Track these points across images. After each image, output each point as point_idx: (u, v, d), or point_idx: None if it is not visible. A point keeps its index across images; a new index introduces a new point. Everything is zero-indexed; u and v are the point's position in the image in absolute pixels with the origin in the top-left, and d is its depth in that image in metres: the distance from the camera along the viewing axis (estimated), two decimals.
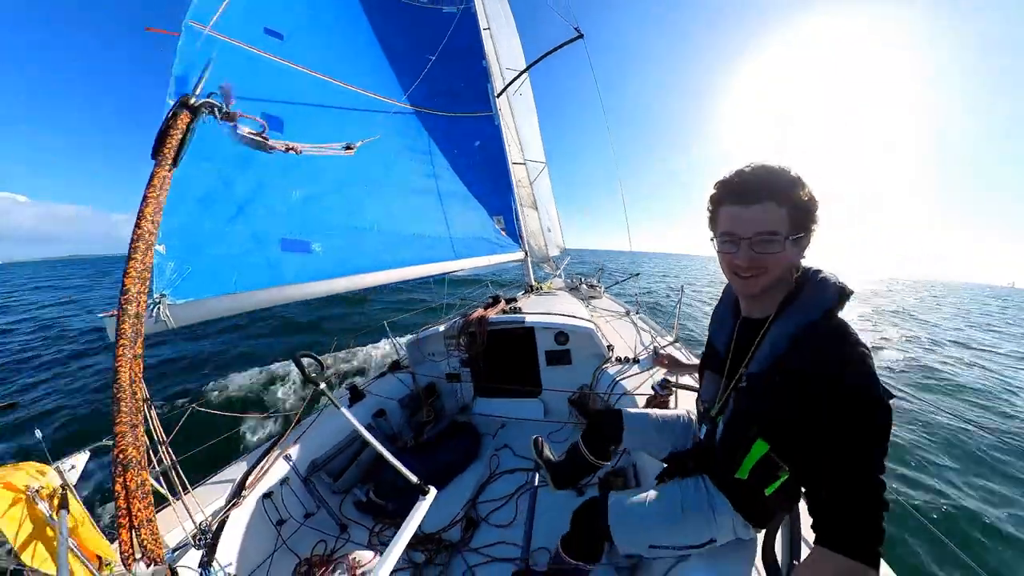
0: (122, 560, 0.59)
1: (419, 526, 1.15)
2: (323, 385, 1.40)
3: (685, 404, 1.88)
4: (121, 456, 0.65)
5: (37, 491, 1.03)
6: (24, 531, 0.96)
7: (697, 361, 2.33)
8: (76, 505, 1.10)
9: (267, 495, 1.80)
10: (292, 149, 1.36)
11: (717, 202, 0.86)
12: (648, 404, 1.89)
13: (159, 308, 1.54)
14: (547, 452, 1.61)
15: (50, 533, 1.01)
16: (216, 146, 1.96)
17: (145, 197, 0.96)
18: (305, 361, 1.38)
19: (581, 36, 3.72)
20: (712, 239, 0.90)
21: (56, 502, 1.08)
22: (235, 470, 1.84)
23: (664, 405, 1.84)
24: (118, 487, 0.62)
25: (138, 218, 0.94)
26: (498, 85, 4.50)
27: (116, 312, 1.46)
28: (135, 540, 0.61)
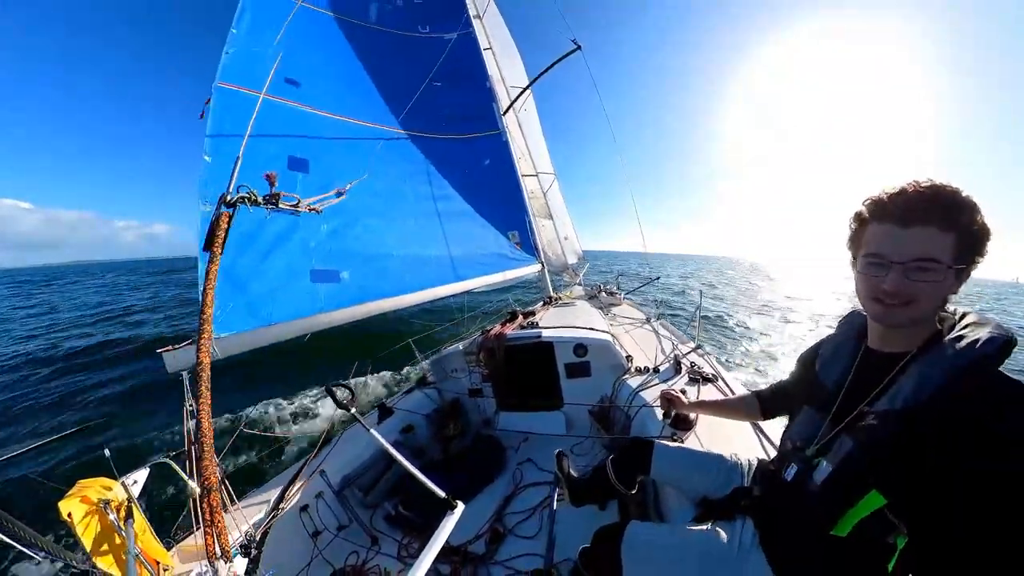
0: (208, 558, 0.82)
1: (446, 539, 1.20)
2: (354, 410, 1.49)
3: (707, 421, 1.81)
4: (206, 482, 0.87)
5: (108, 503, 1.18)
6: (97, 538, 1.10)
7: (717, 371, 2.28)
8: (139, 516, 1.24)
9: (303, 508, 1.91)
10: (313, 209, 1.68)
11: (865, 220, 0.76)
12: (667, 417, 1.84)
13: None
14: (568, 467, 1.60)
15: (118, 541, 1.16)
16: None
17: (205, 289, 1.21)
18: (337, 391, 1.49)
19: (579, 48, 3.81)
20: (852, 260, 0.80)
21: (123, 513, 1.23)
22: (274, 485, 1.98)
23: (685, 419, 1.79)
24: (204, 504, 0.85)
25: (202, 306, 1.19)
26: (503, 102, 4.64)
27: (171, 348, 1.63)
28: (218, 545, 0.83)
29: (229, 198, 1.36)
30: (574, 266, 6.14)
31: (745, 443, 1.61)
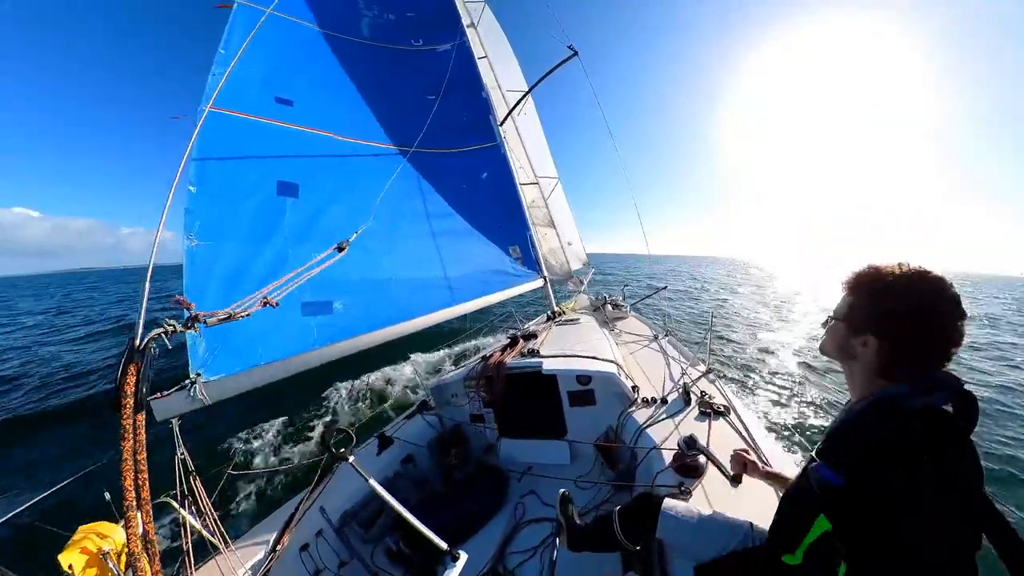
0: None
1: None
2: (352, 459, 1.40)
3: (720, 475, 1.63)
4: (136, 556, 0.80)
5: (107, 553, 1.15)
6: None
7: (730, 401, 2.16)
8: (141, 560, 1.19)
9: (304, 547, 1.85)
10: (268, 303, 1.45)
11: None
12: (674, 463, 1.72)
13: (195, 387, 1.61)
14: (572, 512, 1.51)
15: None
16: (238, 223, 2.07)
17: (124, 458, 0.95)
18: (332, 439, 1.41)
19: (575, 54, 3.71)
20: None
21: (123, 562, 1.17)
22: (272, 523, 1.92)
23: (694, 468, 1.66)
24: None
25: (123, 469, 0.94)
26: (501, 111, 4.53)
27: (160, 395, 1.54)
28: None
29: (138, 343, 1.03)
30: (578, 272, 6.03)
31: (759, 495, 1.46)
